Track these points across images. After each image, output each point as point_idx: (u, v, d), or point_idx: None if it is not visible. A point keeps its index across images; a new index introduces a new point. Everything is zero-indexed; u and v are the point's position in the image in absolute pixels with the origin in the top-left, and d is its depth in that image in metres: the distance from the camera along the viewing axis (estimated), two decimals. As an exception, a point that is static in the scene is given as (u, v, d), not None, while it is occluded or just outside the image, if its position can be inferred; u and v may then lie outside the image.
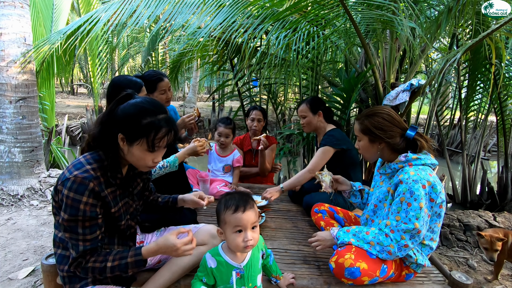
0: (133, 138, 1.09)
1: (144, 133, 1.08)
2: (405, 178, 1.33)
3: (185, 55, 4.37)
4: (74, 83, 17.88)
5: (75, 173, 1.04)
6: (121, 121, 1.09)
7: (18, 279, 2.02)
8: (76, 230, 1.05)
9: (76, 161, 1.11)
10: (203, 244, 1.44)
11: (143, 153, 1.11)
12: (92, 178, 1.05)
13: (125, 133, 1.09)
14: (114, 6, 2.57)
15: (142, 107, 1.10)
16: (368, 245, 1.37)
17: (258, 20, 2.49)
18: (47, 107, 4.85)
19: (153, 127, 1.09)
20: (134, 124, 1.08)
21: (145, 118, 1.09)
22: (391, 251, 1.32)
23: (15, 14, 3.16)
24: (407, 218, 1.29)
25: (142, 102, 1.12)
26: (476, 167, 4.14)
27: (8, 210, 3.01)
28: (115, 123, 1.10)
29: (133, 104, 1.11)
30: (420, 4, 2.53)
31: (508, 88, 3.69)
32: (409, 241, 1.30)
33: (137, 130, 1.08)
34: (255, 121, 2.77)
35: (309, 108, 2.29)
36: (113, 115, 1.11)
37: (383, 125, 1.44)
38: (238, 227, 1.13)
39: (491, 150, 7.92)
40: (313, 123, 2.31)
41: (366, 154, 1.55)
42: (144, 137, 1.08)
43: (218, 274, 1.17)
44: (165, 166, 1.84)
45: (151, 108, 1.11)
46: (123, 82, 1.74)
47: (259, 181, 2.92)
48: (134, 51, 14.06)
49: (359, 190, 1.78)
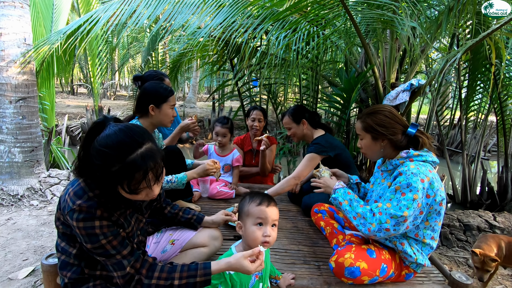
0: (113, 183, 0.94)
1: (117, 181, 0.93)
2: (404, 170, 1.34)
3: (185, 55, 4.37)
4: (74, 83, 17.88)
5: (79, 203, 0.96)
6: (97, 164, 0.93)
7: (18, 279, 2.02)
8: (109, 252, 0.99)
9: (76, 186, 1.01)
10: (204, 246, 1.44)
11: (132, 196, 0.98)
12: (97, 206, 0.97)
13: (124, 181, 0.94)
14: (114, 6, 2.57)
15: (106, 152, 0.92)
16: (356, 214, 1.40)
17: (258, 20, 2.48)
18: (47, 107, 4.85)
19: (123, 173, 0.92)
20: (105, 171, 0.92)
21: (113, 165, 0.92)
22: (370, 228, 1.33)
23: (15, 14, 3.16)
24: (398, 206, 1.29)
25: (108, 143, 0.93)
26: (476, 167, 4.14)
27: (8, 210, 3.01)
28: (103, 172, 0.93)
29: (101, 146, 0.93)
30: (420, 4, 2.53)
31: (508, 88, 3.69)
32: (392, 226, 1.30)
33: (110, 177, 0.93)
34: (256, 121, 2.77)
35: (292, 120, 2.27)
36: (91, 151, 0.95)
37: (385, 122, 1.45)
38: (260, 219, 1.13)
39: (491, 150, 7.92)
40: (299, 133, 2.29)
41: (368, 152, 1.55)
42: (118, 185, 0.94)
43: (238, 279, 1.12)
44: (173, 181, 1.80)
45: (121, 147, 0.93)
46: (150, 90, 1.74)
47: (259, 181, 2.93)
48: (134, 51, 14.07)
49: (356, 184, 1.79)
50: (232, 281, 1.11)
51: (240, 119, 4.32)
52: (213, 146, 2.57)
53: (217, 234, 1.50)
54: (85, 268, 1.09)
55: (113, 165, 0.92)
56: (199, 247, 1.44)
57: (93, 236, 0.97)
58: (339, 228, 1.82)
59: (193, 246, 1.45)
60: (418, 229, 1.40)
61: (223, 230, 1.77)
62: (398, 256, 1.45)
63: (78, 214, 0.96)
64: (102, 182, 0.95)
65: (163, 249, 1.46)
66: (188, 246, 1.45)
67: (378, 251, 1.42)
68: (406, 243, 1.41)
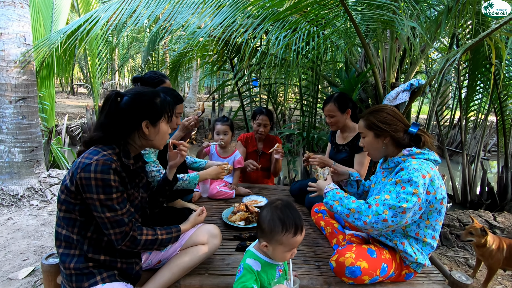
0: (156, 118, 1.23)
1: (145, 116, 1.20)
2: (406, 165, 1.35)
3: (185, 55, 4.36)
4: (74, 83, 17.88)
5: (96, 158, 1.09)
6: (140, 110, 1.19)
7: (18, 279, 2.02)
8: (115, 207, 1.11)
9: (89, 151, 1.13)
10: (203, 243, 1.44)
11: (166, 127, 1.28)
12: (112, 160, 1.11)
13: (149, 118, 1.20)
14: (113, 6, 2.57)
15: (143, 94, 1.22)
16: (348, 211, 1.37)
17: (258, 20, 2.48)
18: (47, 107, 4.85)
19: (164, 102, 1.25)
20: (152, 107, 1.21)
21: (154, 99, 1.23)
22: (367, 221, 1.31)
23: (15, 14, 3.16)
24: (397, 199, 1.28)
25: (140, 89, 1.26)
26: (476, 167, 4.14)
27: (8, 210, 3.01)
28: (131, 115, 1.18)
29: (138, 94, 1.21)
30: (420, 4, 2.53)
31: (508, 88, 3.69)
32: (390, 218, 1.28)
33: (157, 110, 1.22)
34: (261, 126, 2.69)
35: (337, 107, 2.21)
36: (123, 111, 1.17)
37: (388, 119, 1.46)
38: (294, 248, 1.13)
39: (491, 150, 7.92)
40: (341, 122, 2.26)
41: (371, 150, 1.55)
42: (145, 119, 1.20)
43: (264, 275, 1.15)
44: (185, 180, 1.83)
45: (148, 90, 1.26)
46: None
47: (260, 180, 2.92)
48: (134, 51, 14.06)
49: (356, 181, 1.79)
50: (260, 278, 1.14)
51: (240, 119, 4.32)
52: (214, 146, 2.56)
53: (217, 232, 1.50)
54: (88, 252, 1.15)
55: (145, 101, 1.20)
56: (197, 245, 1.44)
57: (107, 187, 1.08)
58: (339, 228, 1.82)
59: (193, 244, 1.44)
60: (419, 228, 1.40)
61: (223, 230, 1.77)
62: (398, 256, 1.45)
63: (96, 166, 1.07)
64: (125, 129, 1.19)
65: (163, 249, 1.46)
66: (187, 244, 1.45)
67: (378, 251, 1.42)
68: (407, 242, 1.41)
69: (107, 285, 1.14)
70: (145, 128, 1.20)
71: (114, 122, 1.17)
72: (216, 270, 1.49)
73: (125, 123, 1.18)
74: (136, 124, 1.19)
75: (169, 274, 1.34)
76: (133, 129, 1.20)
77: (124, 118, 1.17)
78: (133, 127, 1.20)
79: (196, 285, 1.39)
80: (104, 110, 1.19)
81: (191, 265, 1.39)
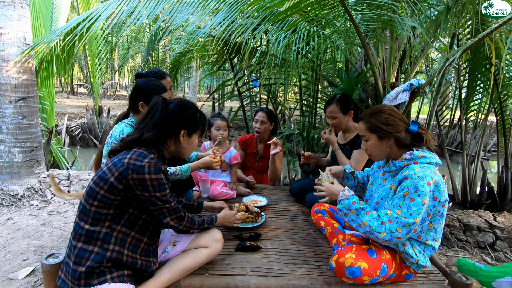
0: (193, 130, 1.40)
1: (184, 125, 1.36)
2: (410, 174, 1.33)
3: (184, 54, 4.36)
4: (74, 83, 17.87)
5: (147, 160, 1.21)
6: (183, 119, 1.36)
7: (18, 279, 2.02)
8: (168, 200, 1.27)
9: (133, 153, 1.23)
10: (205, 247, 1.44)
11: (197, 140, 1.45)
12: (161, 164, 1.25)
13: (188, 128, 1.37)
14: (113, 5, 2.56)
15: (188, 106, 1.39)
16: (362, 223, 1.37)
17: (258, 20, 2.48)
18: (47, 107, 4.85)
19: (203, 117, 1.44)
20: (194, 119, 1.39)
21: (196, 113, 1.41)
22: (379, 237, 1.31)
23: (15, 14, 3.16)
24: (409, 213, 1.29)
25: (183, 101, 1.41)
26: (476, 167, 4.14)
27: (8, 210, 3.01)
28: (176, 122, 1.34)
29: (184, 104, 1.38)
30: (420, 4, 2.53)
31: (508, 88, 3.68)
32: (404, 235, 1.30)
33: (196, 123, 1.40)
34: (258, 122, 2.69)
35: (340, 109, 2.21)
36: (169, 116, 1.33)
37: (390, 120, 1.45)
38: None
39: (491, 150, 7.92)
40: (344, 123, 2.26)
41: (375, 153, 1.52)
42: (184, 129, 1.36)
43: None
44: (176, 174, 1.88)
45: (192, 103, 1.43)
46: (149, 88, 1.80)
47: (259, 180, 2.91)
48: (134, 51, 14.06)
49: (351, 173, 1.80)
50: None
51: (240, 119, 4.31)
52: (209, 143, 2.58)
53: (219, 236, 1.50)
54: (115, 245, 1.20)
55: (189, 112, 1.37)
56: (199, 248, 1.45)
57: (162, 185, 1.23)
58: (339, 228, 1.82)
59: (195, 247, 1.45)
60: (422, 231, 1.40)
61: (222, 230, 1.77)
62: (398, 256, 1.45)
63: (149, 168, 1.20)
64: (167, 133, 1.34)
65: (164, 250, 1.46)
66: (189, 247, 1.45)
67: (378, 251, 1.42)
68: (408, 244, 1.41)
69: (112, 285, 1.15)
70: (182, 136, 1.36)
71: (164, 125, 1.32)
72: (216, 270, 1.49)
73: (170, 127, 1.33)
74: (177, 131, 1.35)
75: (169, 274, 1.34)
76: (172, 134, 1.35)
77: (169, 123, 1.33)
78: (173, 132, 1.35)
79: (196, 285, 1.39)
80: (152, 114, 1.32)
81: (192, 267, 1.39)
